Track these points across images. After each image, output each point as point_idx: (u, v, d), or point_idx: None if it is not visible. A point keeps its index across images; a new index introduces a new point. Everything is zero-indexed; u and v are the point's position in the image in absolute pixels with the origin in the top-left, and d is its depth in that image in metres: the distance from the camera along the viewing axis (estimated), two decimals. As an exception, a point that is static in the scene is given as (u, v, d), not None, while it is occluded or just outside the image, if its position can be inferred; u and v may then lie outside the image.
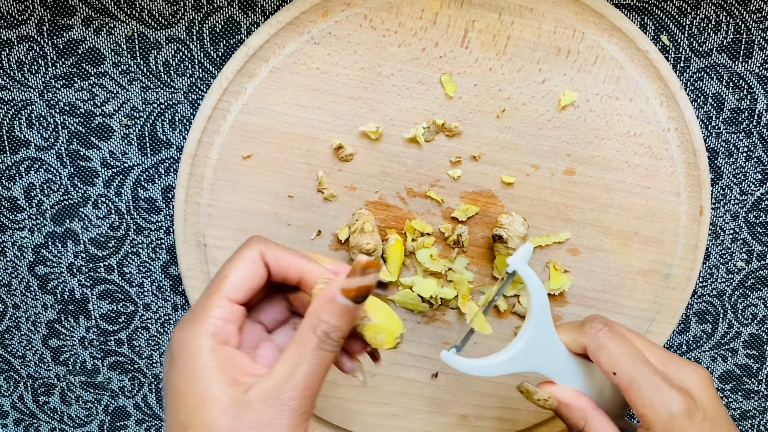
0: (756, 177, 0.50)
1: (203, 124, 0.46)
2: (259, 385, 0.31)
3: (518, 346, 0.38)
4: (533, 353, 0.38)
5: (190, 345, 0.31)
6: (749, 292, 0.52)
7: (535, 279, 0.38)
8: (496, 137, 0.46)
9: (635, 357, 0.36)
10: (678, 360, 0.38)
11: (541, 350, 0.38)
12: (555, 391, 0.39)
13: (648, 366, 0.36)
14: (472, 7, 0.44)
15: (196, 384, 0.31)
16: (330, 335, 0.32)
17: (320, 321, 0.32)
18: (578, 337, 0.38)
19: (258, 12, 0.47)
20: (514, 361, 0.38)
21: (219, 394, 0.30)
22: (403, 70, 0.45)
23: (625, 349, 0.36)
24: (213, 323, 0.32)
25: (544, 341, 0.38)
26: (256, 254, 0.34)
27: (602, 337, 0.37)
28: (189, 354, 0.31)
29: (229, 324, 0.32)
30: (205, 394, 0.31)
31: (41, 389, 0.54)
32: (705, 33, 0.47)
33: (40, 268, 0.51)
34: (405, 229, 0.48)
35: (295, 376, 0.31)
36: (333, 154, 0.47)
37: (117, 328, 0.52)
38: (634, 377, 0.36)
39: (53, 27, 0.47)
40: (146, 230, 0.50)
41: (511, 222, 0.46)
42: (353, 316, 0.33)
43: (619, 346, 0.37)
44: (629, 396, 0.36)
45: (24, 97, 0.48)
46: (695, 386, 0.36)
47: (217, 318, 0.32)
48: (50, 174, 0.49)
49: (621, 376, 0.36)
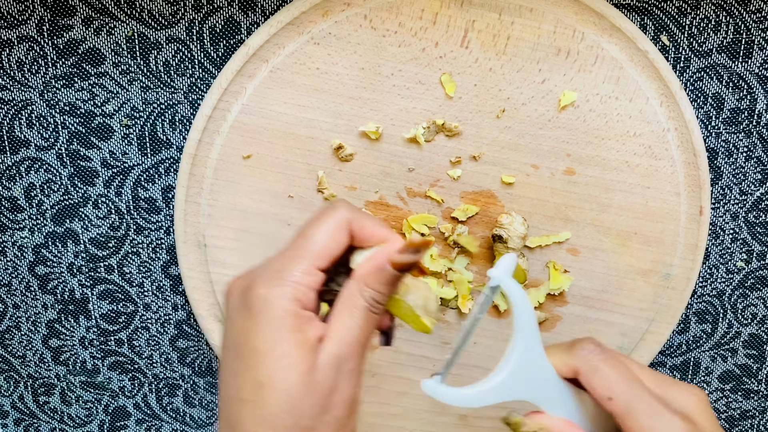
0: (756, 177, 0.50)
1: (203, 124, 0.46)
2: (324, 350, 0.32)
3: (506, 371, 0.35)
4: (521, 379, 0.35)
5: (276, 307, 0.32)
6: (749, 292, 0.52)
7: (520, 294, 0.34)
8: (496, 137, 0.46)
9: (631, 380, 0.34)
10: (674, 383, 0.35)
11: (529, 375, 0.35)
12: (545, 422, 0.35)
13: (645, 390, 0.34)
14: (472, 7, 0.44)
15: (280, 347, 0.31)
16: (378, 300, 0.33)
17: (367, 287, 0.33)
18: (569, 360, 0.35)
19: (258, 12, 0.47)
20: (501, 389, 0.35)
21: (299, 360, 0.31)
22: (403, 70, 0.45)
23: (620, 372, 0.34)
24: (299, 289, 0.32)
25: (533, 365, 0.35)
26: (344, 222, 0.34)
27: (595, 359, 0.35)
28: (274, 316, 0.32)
29: (311, 291, 0.33)
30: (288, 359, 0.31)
31: (41, 389, 0.54)
32: (705, 33, 0.47)
33: (40, 268, 0.51)
34: (403, 228, 0.48)
35: (352, 339, 0.33)
36: (333, 154, 0.47)
37: (117, 328, 0.52)
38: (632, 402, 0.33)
39: (53, 27, 0.47)
40: (146, 230, 0.50)
41: (511, 222, 0.46)
42: (396, 285, 0.34)
43: (614, 368, 0.34)
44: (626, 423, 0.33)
45: (24, 97, 0.48)
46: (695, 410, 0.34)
47: (303, 284, 0.32)
48: (50, 174, 0.49)
49: (617, 402, 0.33)
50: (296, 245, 0.34)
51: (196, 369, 0.53)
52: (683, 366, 0.53)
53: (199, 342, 0.53)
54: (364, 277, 0.33)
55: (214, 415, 0.55)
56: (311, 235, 0.34)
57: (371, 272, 0.33)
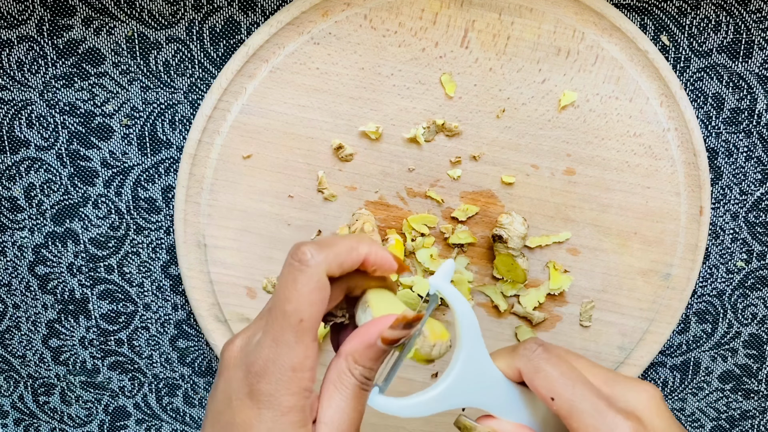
0: (756, 177, 0.50)
1: (203, 124, 0.46)
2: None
3: (449, 378, 0.34)
4: (467, 385, 0.34)
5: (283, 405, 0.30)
6: (749, 292, 0.52)
7: (460, 300, 0.34)
8: (496, 137, 0.46)
9: (575, 379, 0.33)
10: (624, 380, 0.34)
11: (475, 381, 0.34)
12: (496, 426, 0.35)
13: (589, 388, 0.33)
14: (472, 7, 0.44)
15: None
16: (367, 377, 0.32)
17: (357, 365, 0.32)
18: (512, 362, 0.35)
19: (258, 12, 0.47)
20: (445, 397, 0.34)
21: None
22: (403, 70, 0.45)
23: (562, 371, 0.33)
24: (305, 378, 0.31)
25: (478, 370, 0.34)
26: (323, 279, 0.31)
27: (537, 358, 0.34)
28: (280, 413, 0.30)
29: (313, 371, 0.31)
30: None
31: (41, 389, 0.54)
32: (705, 33, 0.47)
33: (40, 268, 0.51)
34: (403, 228, 0.48)
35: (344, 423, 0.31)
36: (333, 154, 0.47)
37: (117, 328, 0.52)
38: (574, 402, 0.32)
39: (53, 27, 0.47)
40: (146, 230, 0.50)
41: (511, 222, 0.46)
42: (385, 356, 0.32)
43: (556, 367, 0.33)
44: (570, 423, 0.32)
45: (24, 97, 0.48)
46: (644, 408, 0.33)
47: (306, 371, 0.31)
48: (50, 174, 0.49)
49: (560, 401, 0.32)
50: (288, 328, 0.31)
51: (196, 369, 0.53)
52: (683, 366, 0.53)
53: (199, 342, 0.53)
54: (352, 355, 0.32)
55: (214, 415, 0.55)
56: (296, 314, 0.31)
57: (360, 349, 0.31)
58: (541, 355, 0.34)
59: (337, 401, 0.31)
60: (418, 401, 0.34)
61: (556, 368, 0.33)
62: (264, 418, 0.30)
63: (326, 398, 0.32)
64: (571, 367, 0.34)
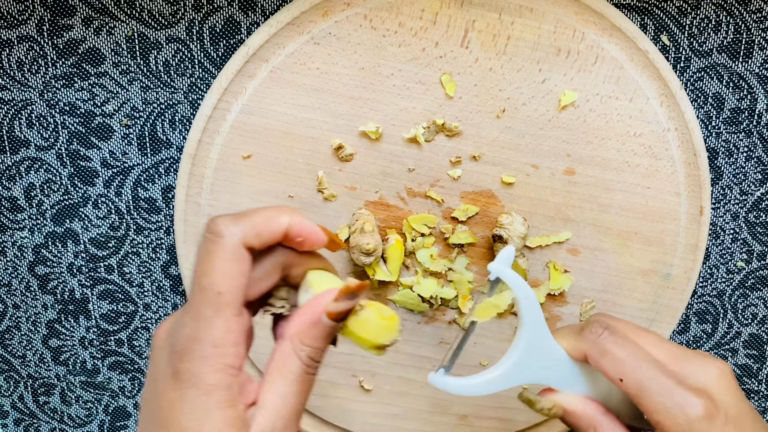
0: (756, 177, 0.50)
1: (203, 124, 0.46)
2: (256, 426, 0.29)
3: (513, 357, 0.35)
4: (530, 363, 0.35)
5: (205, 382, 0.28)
6: (749, 292, 0.52)
7: (521, 283, 0.35)
8: (496, 137, 0.46)
9: (642, 360, 0.33)
10: (693, 356, 0.34)
11: (538, 359, 0.35)
12: (558, 399, 0.35)
13: (657, 368, 0.33)
14: (472, 7, 0.44)
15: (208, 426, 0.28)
16: (314, 358, 0.31)
17: (304, 345, 0.30)
18: (577, 344, 0.35)
19: (258, 12, 0.47)
20: (510, 375, 0.35)
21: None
22: (403, 70, 0.45)
23: (629, 352, 0.33)
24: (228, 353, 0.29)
25: (541, 349, 0.35)
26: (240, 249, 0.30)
27: (603, 341, 0.34)
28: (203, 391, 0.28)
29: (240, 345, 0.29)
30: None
31: (41, 389, 0.54)
32: (705, 33, 0.47)
33: (40, 268, 0.51)
34: (403, 228, 0.48)
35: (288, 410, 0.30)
36: (333, 154, 0.47)
37: (117, 328, 0.52)
38: (642, 382, 0.32)
39: (53, 27, 0.47)
40: (146, 230, 0.50)
41: (511, 222, 0.46)
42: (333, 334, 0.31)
43: (623, 349, 0.33)
44: (640, 403, 0.33)
45: (24, 97, 0.48)
46: (714, 384, 0.32)
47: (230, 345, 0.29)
48: (50, 174, 0.49)
49: (628, 383, 0.33)
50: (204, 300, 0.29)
51: (196, 369, 0.53)
52: (683, 366, 0.53)
53: (199, 342, 0.53)
54: (298, 335, 0.30)
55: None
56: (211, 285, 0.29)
57: (306, 329, 0.30)
58: (608, 338, 0.34)
59: (280, 386, 0.30)
60: (484, 380, 0.35)
61: (623, 350, 0.33)
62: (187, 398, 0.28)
63: (268, 382, 0.30)
64: (637, 348, 0.33)
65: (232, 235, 0.30)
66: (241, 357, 0.29)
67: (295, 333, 0.31)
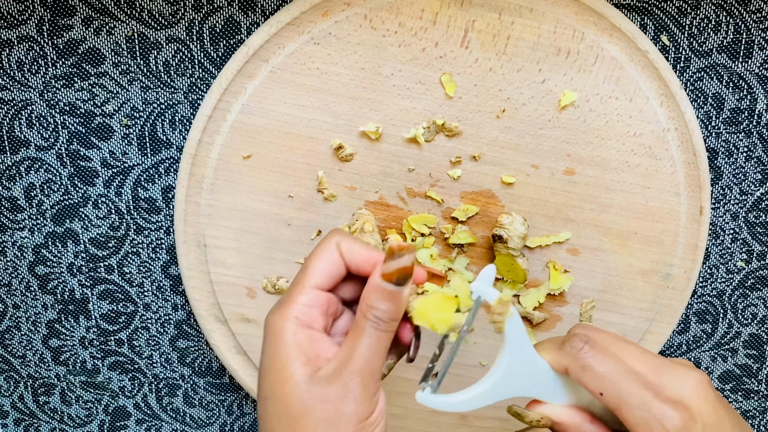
0: (756, 177, 0.50)
1: (203, 124, 0.46)
2: (325, 367, 0.34)
3: (498, 373, 0.36)
4: (515, 378, 0.36)
5: (276, 327, 0.34)
6: (749, 292, 0.52)
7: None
8: (496, 137, 0.46)
9: (621, 374, 0.34)
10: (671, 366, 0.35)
11: (522, 373, 0.36)
12: (546, 411, 0.36)
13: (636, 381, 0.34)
14: (472, 7, 0.44)
15: (277, 362, 0.34)
16: (381, 318, 0.34)
17: (369, 306, 0.34)
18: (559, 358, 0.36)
19: (258, 12, 0.47)
20: (495, 390, 0.36)
21: (294, 372, 0.33)
22: (403, 70, 0.45)
23: (609, 367, 0.34)
24: (297, 308, 0.34)
25: (525, 363, 0.36)
26: (333, 246, 0.36)
27: (583, 356, 0.35)
28: (274, 335, 0.34)
29: (312, 309, 0.35)
30: (283, 372, 0.34)
31: (41, 389, 0.54)
32: (705, 33, 0.47)
33: (40, 268, 0.51)
34: (403, 228, 0.48)
35: (352, 358, 0.34)
36: (333, 154, 0.47)
37: (117, 328, 0.52)
38: (622, 396, 0.33)
39: (53, 27, 0.47)
40: (146, 230, 0.50)
41: (511, 222, 0.46)
42: (399, 298, 0.35)
43: (602, 364, 0.34)
44: (621, 416, 0.34)
45: (24, 97, 0.48)
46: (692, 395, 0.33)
47: (301, 303, 0.35)
48: (50, 174, 0.49)
49: (608, 397, 0.34)
50: (298, 275, 0.36)
51: (196, 369, 0.53)
52: (683, 366, 0.53)
53: (199, 342, 0.53)
54: (365, 298, 0.35)
55: (214, 415, 0.55)
56: (307, 263, 0.36)
57: (369, 292, 0.35)
58: (588, 353, 0.35)
59: (351, 340, 0.34)
60: (470, 396, 0.36)
61: (602, 365, 0.34)
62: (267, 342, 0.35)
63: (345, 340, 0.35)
64: (617, 361, 0.34)
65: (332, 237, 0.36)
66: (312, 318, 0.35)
67: (362, 297, 0.35)
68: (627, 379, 0.34)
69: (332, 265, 0.36)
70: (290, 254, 0.48)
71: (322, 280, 0.35)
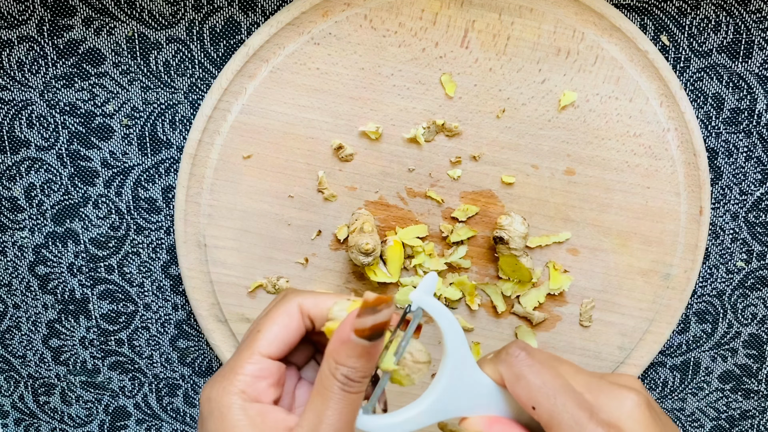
0: (756, 177, 0.50)
1: (203, 124, 0.46)
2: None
3: (437, 390, 0.33)
4: (456, 395, 0.33)
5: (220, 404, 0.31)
6: (749, 292, 0.52)
7: (444, 312, 0.33)
8: (496, 137, 0.46)
9: (556, 389, 0.32)
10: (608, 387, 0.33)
11: (463, 390, 0.33)
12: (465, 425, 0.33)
13: (571, 399, 0.31)
14: (472, 8, 0.44)
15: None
16: (351, 377, 0.31)
17: (338, 364, 0.31)
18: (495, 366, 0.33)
19: (258, 12, 0.47)
20: (435, 409, 0.33)
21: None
22: (403, 71, 0.45)
23: (544, 380, 0.32)
24: (243, 380, 0.31)
25: (466, 379, 0.33)
26: (294, 307, 0.33)
27: (519, 364, 0.32)
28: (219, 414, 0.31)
29: (260, 380, 0.31)
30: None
31: (41, 389, 0.54)
32: (705, 33, 0.47)
33: (40, 268, 0.51)
34: (401, 237, 0.47)
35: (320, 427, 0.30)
36: (333, 154, 0.47)
37: (117, 328, 0.52)
38: (554, 413, 0.31)
39: (53, 27, 0.47)
40: (146, 230, 0.50)
41: (510, 222, 0.46)
42: (373, 354, 0.31)
43: (539, 376, 0.32)
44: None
45: (24, 97, 0.48)
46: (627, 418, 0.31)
47: (248, 375, 0.31)
48: (50, 174, 0.49)
49: (540, 411, 0.31)
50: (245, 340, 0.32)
51: (196, 369, 0.53)
52: (683, 366, 0.53)
53: (199, 342, 0.53)
54: (332, 354, 0.31)
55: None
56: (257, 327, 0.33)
57: (338, 347, 0.31)
58: (524, 361, 0.33)
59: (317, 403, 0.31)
60: (406, 417, 0.33)
61: (539, 377, 0.32)
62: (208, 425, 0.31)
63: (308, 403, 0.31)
64: (554, 375, 0.32)
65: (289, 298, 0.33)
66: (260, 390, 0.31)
67: (329, 352, 0.31)
68: (562, 395, 0.32)
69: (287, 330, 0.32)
70: (290, 254, 0.48)
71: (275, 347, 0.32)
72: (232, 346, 0.50)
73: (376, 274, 0.47)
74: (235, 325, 0.49)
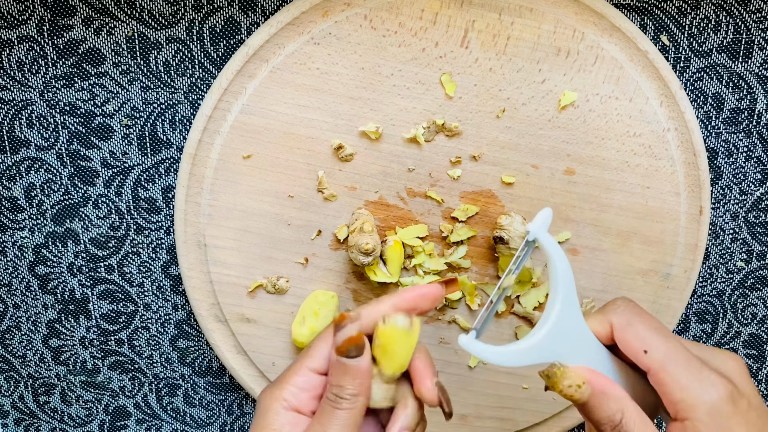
0: (756, 177, 0.50)
1: (203, 124, 0.46)
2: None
3: (544, 329, 0.33)
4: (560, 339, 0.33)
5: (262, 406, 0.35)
6: (749, 292, 0.52)
7: (558, 250, 0.33)
8: (496, 137, 0.46)
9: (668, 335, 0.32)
10: (711, 348, 0.33)
11: (568, 336, 0.33)
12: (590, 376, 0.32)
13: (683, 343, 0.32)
14: (472, 7, 0.44)
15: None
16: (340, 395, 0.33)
17: (330, 384, 0.34)
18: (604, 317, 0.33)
19: (258, 12, 0.47)
20: (540, 348, 0.33)
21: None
22: (403, 70, 0.45)
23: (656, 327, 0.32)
24: (289, 390, 0.34)
25: (571, 325, 0.33)
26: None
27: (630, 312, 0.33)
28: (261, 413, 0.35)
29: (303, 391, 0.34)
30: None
31: (41, 389, 0.54)
32: (705, 33, 0.47)
33: (40, 268, 0.51)
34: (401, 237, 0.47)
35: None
36: (333, 154, 0.47)
37: (117, 328, 0.52)
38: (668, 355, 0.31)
39: (53, 27, 0.47)
40: (146, 230, 0.50)
41: (510, 223, 0.46)
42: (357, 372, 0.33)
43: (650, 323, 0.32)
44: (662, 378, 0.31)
45: (24, 97, 0.48)
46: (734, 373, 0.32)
47: (293, 385, 0.34)
48: (50, 174, 0.49)
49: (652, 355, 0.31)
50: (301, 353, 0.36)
51: (196, 369, 0.53)
52: (683, 366, 0.53)
53: (199, 342, 0.53)
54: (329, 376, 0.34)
55: (214, 415, 0.55)
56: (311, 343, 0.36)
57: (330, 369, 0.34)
58: (634, 309, 0.33)
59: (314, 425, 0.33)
60: (512, 350, 0.33)
61: (650, 324, 0.32)
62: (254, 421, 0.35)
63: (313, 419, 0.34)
64: (662, 325, 0.33)
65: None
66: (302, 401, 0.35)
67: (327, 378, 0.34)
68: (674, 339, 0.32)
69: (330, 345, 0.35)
70: (290, 254, 0.48)
71: (322, 363, 0.35)
72: (231, 346, 0.50)
73: (376, 274, 0.47)
74: (234, 325, 0.49)
